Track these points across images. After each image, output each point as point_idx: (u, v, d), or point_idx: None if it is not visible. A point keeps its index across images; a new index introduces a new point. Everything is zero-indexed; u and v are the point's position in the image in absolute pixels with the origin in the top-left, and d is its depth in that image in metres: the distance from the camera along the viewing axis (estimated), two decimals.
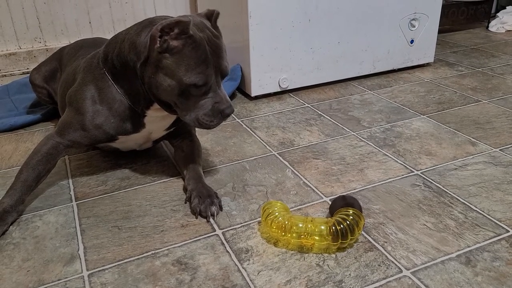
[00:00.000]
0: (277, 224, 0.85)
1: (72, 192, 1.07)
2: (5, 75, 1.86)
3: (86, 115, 1.01)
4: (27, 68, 1.87)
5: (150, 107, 1.00)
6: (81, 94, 1.02)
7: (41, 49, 1.87)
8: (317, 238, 0.83)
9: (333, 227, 0.82)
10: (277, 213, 0.86)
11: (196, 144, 1.14)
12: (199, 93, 0.92)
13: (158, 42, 0.87)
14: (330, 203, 0.98)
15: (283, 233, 0.84)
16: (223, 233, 0.91)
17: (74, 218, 0.97)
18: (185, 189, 1.05)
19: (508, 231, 0.89)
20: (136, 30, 0.95)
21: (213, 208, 0.95)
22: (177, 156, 1.15)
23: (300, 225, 0.84)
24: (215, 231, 0.92)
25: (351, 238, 0.83)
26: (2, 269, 0.83)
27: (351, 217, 0.84)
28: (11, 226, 0.95)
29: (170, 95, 0.92)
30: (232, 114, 1.10)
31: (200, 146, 1.16)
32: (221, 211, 0.98)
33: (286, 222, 0.84)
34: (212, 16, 0.98)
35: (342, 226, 0.82)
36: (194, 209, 0.96)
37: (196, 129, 1.23)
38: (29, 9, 1.80)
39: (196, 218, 0.96)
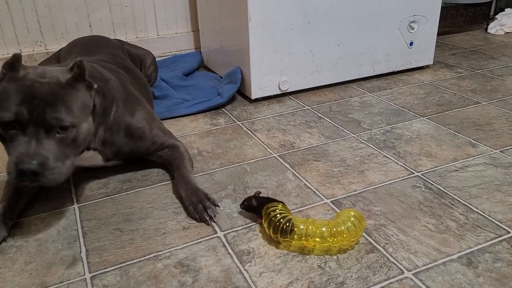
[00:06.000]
0: (278, 226, 0.85)
1: (73, 195, 1.08)
2: None
3: None
4: None
5: None
6: None
7: (42, 52, 1.88)
8: (318, 239, 0.83)
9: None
10: (278, 215, 0.86)
11: (178, 151, 1.13)
12: (9, 136, 0.83)
13: None
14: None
15: (284, 235, 0.84)
16: (225, 235, 0.91)
17: (76, 221, 0.98)
18: (178, 196, 1.05)
19: (509, 232, 0.89)
20: None
21: (209, 211, 0.95)
22: (166, 166, 1.16)
23: (302, 226, 0.84)
24: (216, 233, 0.92)
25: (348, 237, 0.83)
26: (4, 272, 0.83)
27: (352, 219, 0.84)
28: (13, 229, 0.95)
29: None
30: (45, 173, 0.81)
31: (182, 149, 1.13)
32: (219, 207, 0.98)
33: (288, 224, 0.84)
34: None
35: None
36: (192, 217, 0.97)
37: (194, 131, 1.21)
38: (29, 13, 1.81)
39: (199, 222, 0.96)
